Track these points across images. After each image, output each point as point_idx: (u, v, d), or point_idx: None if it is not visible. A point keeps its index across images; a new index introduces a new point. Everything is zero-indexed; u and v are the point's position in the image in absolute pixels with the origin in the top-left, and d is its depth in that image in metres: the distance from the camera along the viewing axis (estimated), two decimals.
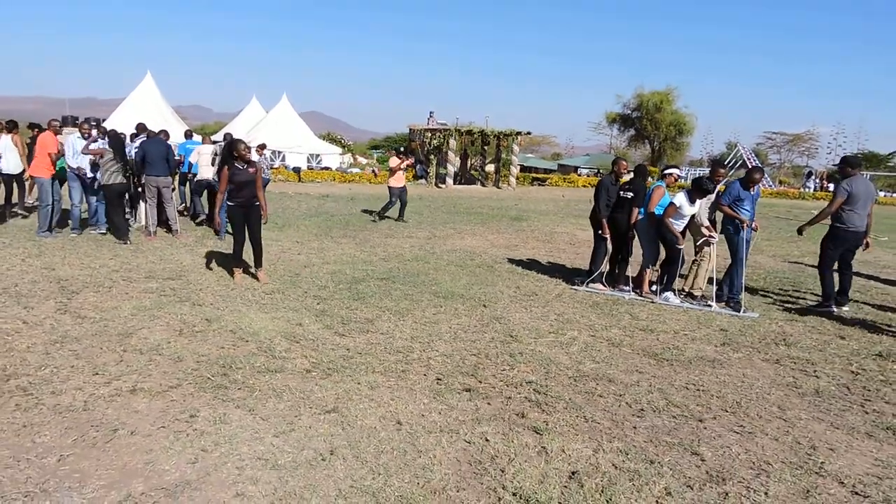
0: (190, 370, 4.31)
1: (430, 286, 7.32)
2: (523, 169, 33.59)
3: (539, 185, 30.02)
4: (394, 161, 13.27)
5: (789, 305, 7.24)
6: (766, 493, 3.09)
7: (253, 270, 7.22)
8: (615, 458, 3.39)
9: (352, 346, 5.05)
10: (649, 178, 7.61)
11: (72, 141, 9.29)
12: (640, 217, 7.19)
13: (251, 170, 6.85)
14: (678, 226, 6.87)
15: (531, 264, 9.15)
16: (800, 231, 7.33)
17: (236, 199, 6.85)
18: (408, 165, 13.71)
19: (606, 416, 3.95)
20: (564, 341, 5.49)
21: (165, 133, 11.01)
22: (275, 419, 3.64)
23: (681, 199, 6.79)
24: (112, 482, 2.91)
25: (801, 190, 33.87)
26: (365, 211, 14.80)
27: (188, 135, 14.23)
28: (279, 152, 28.87)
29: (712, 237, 6.86)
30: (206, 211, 11.41)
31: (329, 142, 37.42)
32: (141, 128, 11.45)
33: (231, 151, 6.82)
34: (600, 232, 7.56)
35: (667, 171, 7.38)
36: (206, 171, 10.78)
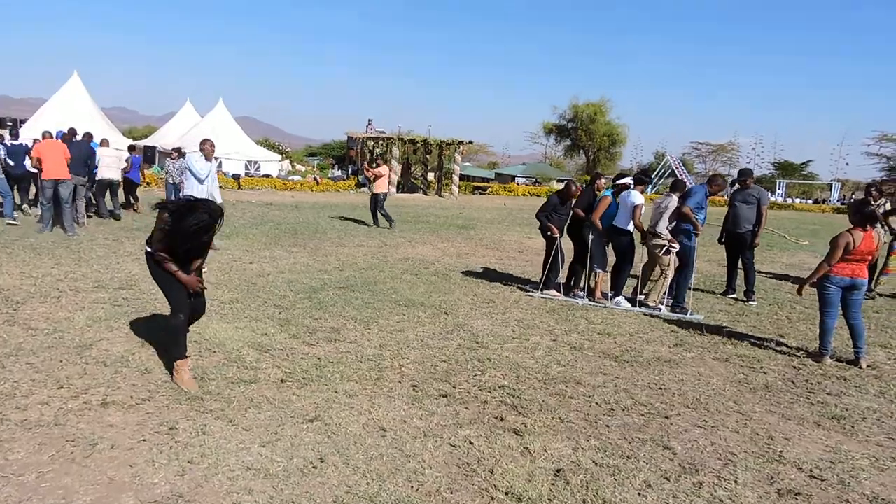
0: (160, 382, 4.21)
1: (390, 294, 7.36)
2: (462, 178, 34.01)
3: (480, 193, 30.46)
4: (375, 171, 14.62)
5: (729, 306, 7.70)
6: (735, 481, 3.32)
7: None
8: (595, 455, 3.55)
9: (322, 355, 5.04)
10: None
11: None
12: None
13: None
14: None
15: (484, 272, 9.32)
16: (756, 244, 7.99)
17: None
18: (372, 174, 14.72)
19: (580, 416, 4.12)
20: (529, 346, 5.65)
21: (89, 135, 12.09)
22: (257, 429, 3.61)
23: (639, 197, 7.16)
24: (99, 497, 2.83)
25: (725, 197, 35.76)
26: (344, 218, 14.65)
27: (131, 148, 15.09)
28: (216, 158, 28.15)
29: (673, 246, 7.13)
30: (110, 208, 12.43)
31: (267, 148, 36.78)
32: (72, 132, 11.67)
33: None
34: (549, 234, 7.81)
35: (619, 182, 7.62)
36: (107, 172, 12.12)
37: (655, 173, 40.28)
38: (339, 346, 5.32)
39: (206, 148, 8.45)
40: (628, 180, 7.63)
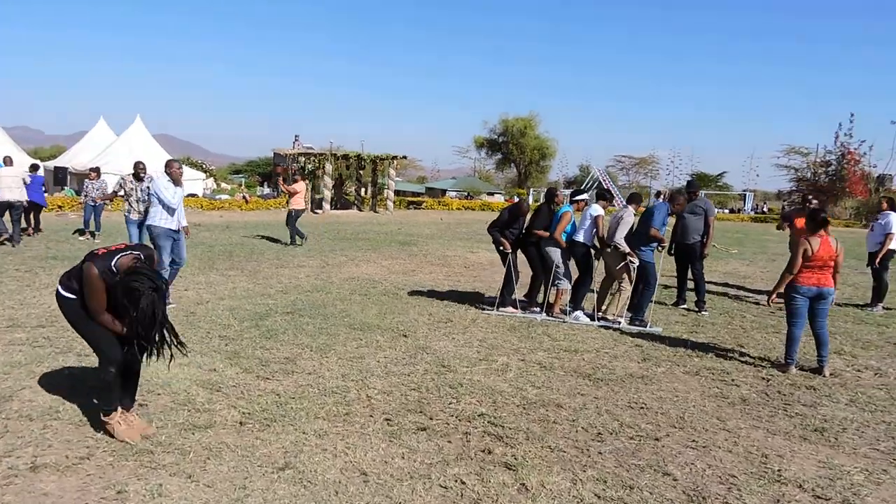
0: (99, 435, 3.68)
1: (342, 318, 6.97)
2: (395, 192, 33.62)
3: (415, 208, 30.22)
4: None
5: (683, 317, 7.74)
6: None
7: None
8: (595, 487, 3.33)
9: (281, 390, 4.61)
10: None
11: None
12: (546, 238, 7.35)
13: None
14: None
15: (435, 290, 9.04)
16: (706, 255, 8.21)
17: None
18: (288, 190, 14.29)
19: (569, 443, 3.90)
20: (498, 368, 5.41)
21: None
22: (222, 485, 3.17)
23: (599, 209, 7.18)
24: None
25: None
26: (278, 239, 13.97)
27: (34, 167, 14.41)
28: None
29: (632, 260, 7.08)
30: (7, 229, 11.71)
31: (189, 166, 35.24)
32: None
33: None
34: (501, 248, 7.64)
35: (577, 198, 7.53)
36: (8, 193, 11.55)
37: (584, 185, 41.31)
38: (297, 378, 4.90)
39: (175, 171, 7.33)
40: (586, 196, 7.57)
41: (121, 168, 26.00)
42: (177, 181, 7.36)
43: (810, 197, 9.10)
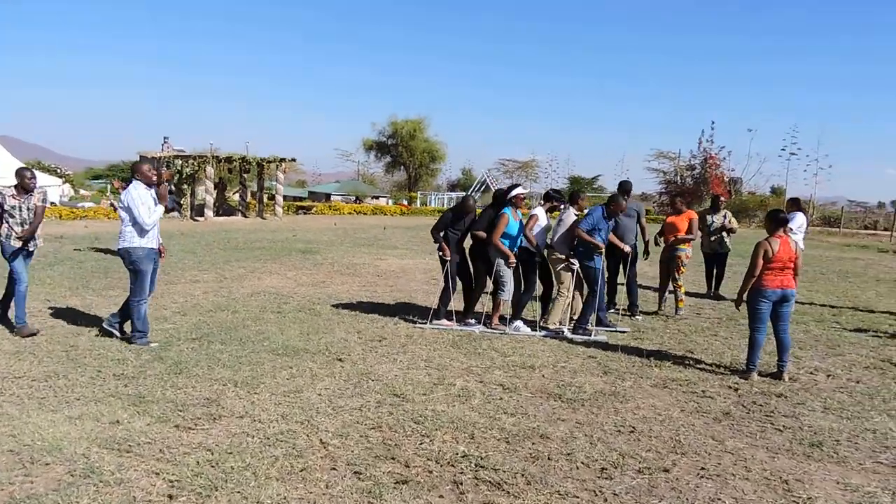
0: None
1: (261, 342, 6.05)
2: (272, 197, 31.83)
3: (304, 213, 28.78)
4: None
5: (619, 323, 7.54)
6: None
7: None
8: None
9: (211, 443, 3.71)
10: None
11: None
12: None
13: None
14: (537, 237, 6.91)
15: (354, 303, 8.25)
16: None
17: None
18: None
19: (577, 485, 3.37)
20: (458, 393, 4.80)
21: None
22: None
23: (541, 213, 7.01)
24: None
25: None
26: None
27: None
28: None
29: (573, 264, 6.73)
30: None
31: (40, 171, 31.45)
32: None
33: None
34: (441, 254, 7.01)
35: (512, 193, 6.96)
36: None
37: (471, 189, 41.69)
38: (228, 424, 4.01)
39: (147, 172, 5.94)
40: (520, 190, 7.06)
41: None
42: (150, 184, 5.95)
43: (720, 200, 9.36)
